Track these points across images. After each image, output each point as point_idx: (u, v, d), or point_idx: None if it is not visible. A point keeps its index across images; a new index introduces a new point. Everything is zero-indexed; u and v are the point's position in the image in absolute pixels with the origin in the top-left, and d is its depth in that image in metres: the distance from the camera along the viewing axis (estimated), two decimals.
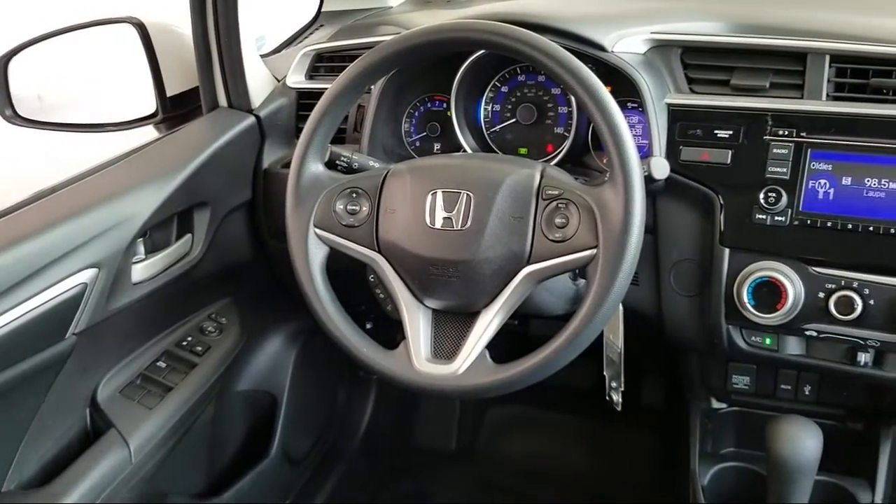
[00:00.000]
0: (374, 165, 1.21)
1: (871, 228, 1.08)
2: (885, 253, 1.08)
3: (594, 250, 0.97)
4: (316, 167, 1.13)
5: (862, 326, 1.10)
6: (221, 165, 1.38)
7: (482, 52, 1.31)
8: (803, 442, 1.16)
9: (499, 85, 1.39)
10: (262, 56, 1.58)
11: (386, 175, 1.11)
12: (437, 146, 1.43)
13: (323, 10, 1.85)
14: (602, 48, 1.20)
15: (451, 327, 1.08)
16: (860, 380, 1.22)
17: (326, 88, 1.12)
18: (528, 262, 1.02)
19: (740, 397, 1.50)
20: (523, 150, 1.39)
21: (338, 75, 1.11)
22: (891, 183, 1.08)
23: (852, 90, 1.14)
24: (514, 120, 1.38)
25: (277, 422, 1.74)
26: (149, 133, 1.51)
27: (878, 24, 1.23)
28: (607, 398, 1.30)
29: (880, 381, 1.18)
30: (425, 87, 1.42)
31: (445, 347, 1.07)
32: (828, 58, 1.14)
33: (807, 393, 1.42)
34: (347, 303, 1.14)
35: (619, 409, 1.29)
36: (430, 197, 1.05)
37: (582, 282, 1.17)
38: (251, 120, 1.45)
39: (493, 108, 1.40)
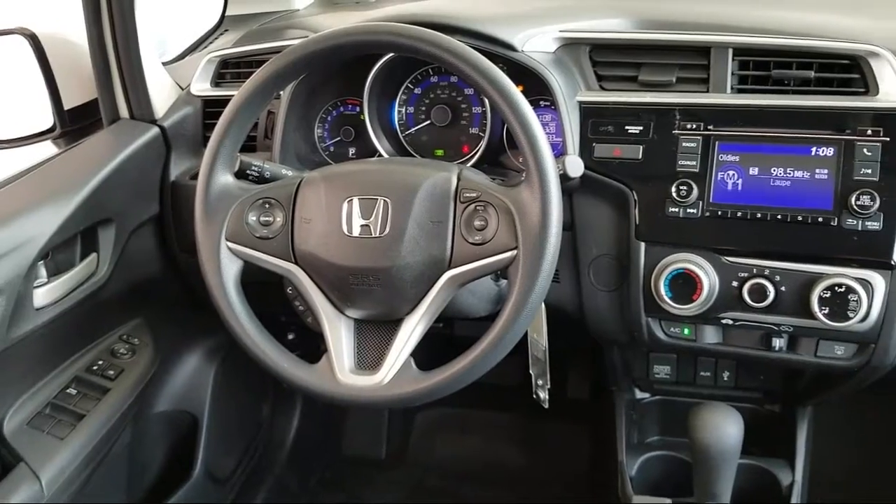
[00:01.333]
0: (286, 174, 1.17)
1: (778, 217, 1.11)
2: (792, 240, 1.11)
3: (514, 251, 0.97)
4: (225, 178, 1.09)
5: (775, 313, 1.13)
6: (125, 180, 1.32)
7: (393, 54, 1.29)
8: (725, 429, 1.19)
9: (411, 87, 1.38)
10: (165, 64, 1.53)
11: (300, 184, 1.08)
12: (351, 151, 1.41)
13: (227, 14, 1.79)
14: (512, 48, 1.20)
15: (374, 336, 1.06)
16: (776, 364, 1.26)
17: (233, 95, 1.08)
18: (450, 267, 1.00)
19: (662, 386, 1.53)
20: (439, 152, 1.38)
21: (244, 82, 1.07)
22: (795, 172, 1.11)
23: (755, 82, 1.17)
24: (428, 122, 1.36)
25: (199, 441, 1.68)
26: (47, 149, 1.44)
27: (778, 16, 1.27)
28: (534, 396, 1.31)
29: (795, 365, 1.21)
30: (337, 91, 1.40)
31: (369, 357, 1.05)
32: (731, 51, 1.17)
33: (725, 379, 1.47)
34: (266, 314, 1.10)
35: (546, 406, 1.30)
36: (346, 204, 1.03)
37: (504, 282, 1.16)
38: (155, 131, 1.39)
39: (406, 110, 1.39)
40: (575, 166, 1.10)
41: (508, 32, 1.20)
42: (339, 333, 1.05)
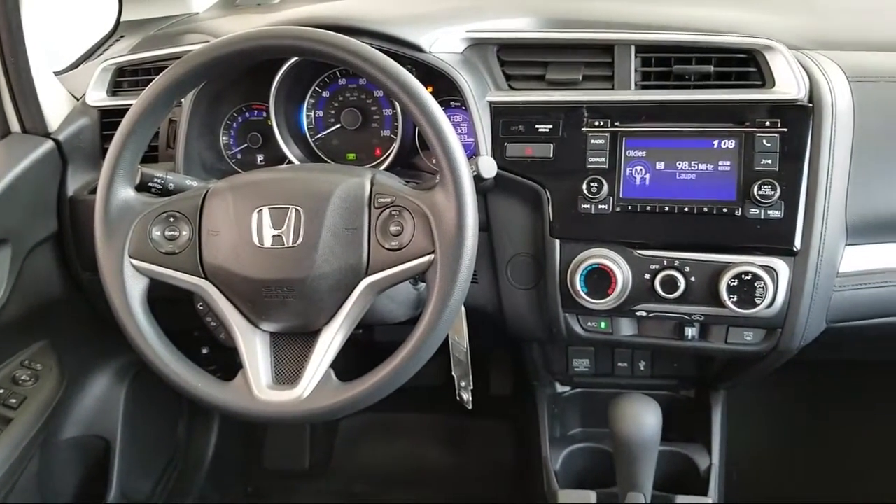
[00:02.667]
0: (191, 185, 1.13)
1: (685, 209, 1.14)
2: (699, 231, 1.14)
3: (432, 255, 0.96)
4: (126, 192, 1.04)
5: (686, 303, 1.16)
6: (19, 197, 1.25)
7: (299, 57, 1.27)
8: (644, 419, 1.21)
9: (319, 90, 1.35)
10: (57, 73, 1.46)
11: (205, 195, 1.04)
12: (260, 158, 1.37)
13: (122, 19, 1.72)
14: (420, 49, 1.19)
15: (291, 349, 1.03)
16: (689, 352, 1.29)
17: (131, 105, 1.04)
18: (367, 274, 0.99)
19: (582, 379, 1.56)
20: (351, 156, 1.36)
21: (143, 90, 1.03)
22: (700, 164, 1.14)
23: (658, 78, 1.20)
24: (338, 125, 1.34)
25: (113, 466, 1.62)
26: None
27: (679, 13, 1.31)
28: (458, 398, 1.30)
29: (707, 352, 1.25)
30: (242, 96, 1.36)
31: (287, 371, 1.02)
32: (633, 48, 1.19)
33: (642, 368, 1.50)
34: (177, 331, 1.06)
35: (470, 407, 1.30)
36: (255, 215, 1.00)
37: (423, 285, 1.16)
38: (49, 145, 1.32)
39: (315, 114, 1.36)
40: (488, 167, 1.10)
41: (415, 33, 1.20)
42: (254, 348, 1.02)
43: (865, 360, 1.76)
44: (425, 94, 0.98)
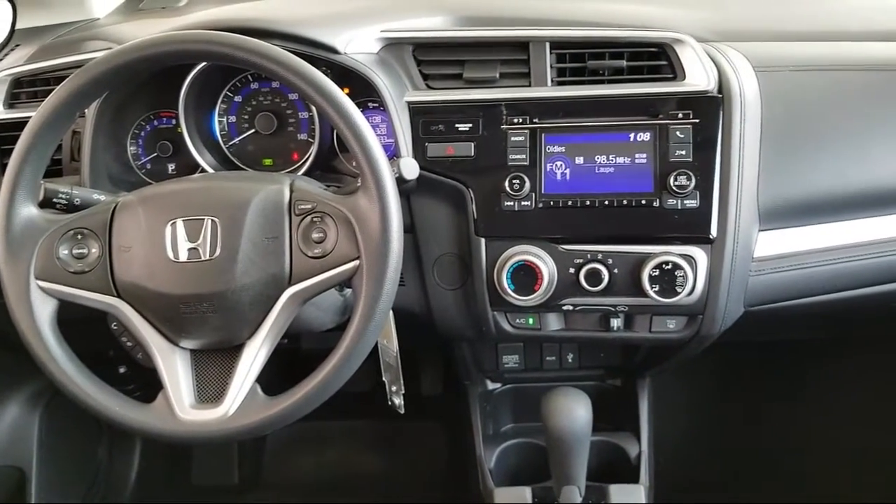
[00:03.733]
0: (99, 199, 1.07)
1: (606, 202, 1.15)
2: (620, 224, 1.16)
3: (357, 261, 0.95)
4: (29, 209, 0.98)
5: (610, 294, 1.17)
6: None
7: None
8: (576, 412, 1.22)
9: (231, 95, 1.31)
10: None
11: (114, 209, 1.00)
12: (171, 167, 1.32)
13: (17, 27, 1.63)
14: (334, 50, 1.17)
15: (214, 366, 1.00)
16: (615, 342, 1.31)
17: (31, 117, 0.98)
18: (290, 284, 0.96)
19: (512, 375, 1.57)
20: (268, 162, 1.32)
21: (43, 101, 0.98)
22: (617, 158, 1.15)
23: (573, 74, 1.21)
24: (253, 130, 1.31)
25: (29, 496, 1.54)
26: None
27: (592, 8, 1.32)
28: (389, 403, 1.29)
29: (632, 342, 1.27)
30: (149, 104, 1.31)
31: (211, 389, 0.99)
32: (548, 45, 1.20)
33: (570, 361, 1.52)
34: (92, 352, 1.02)
35: (402, 412, 1.28)
36: (169, 228, 0.96)
37: (349, 291, 1.13)
38: None
39: (228, 119, 1.32)
40: (410, 168, 1.09)
41: (329, 34, 1.17)
42: (174, 367, 0.98)
43: (782, 339, 1.83)
44: (342, 96, 0.96)
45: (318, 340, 1.18)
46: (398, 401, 1.27)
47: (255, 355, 0.96)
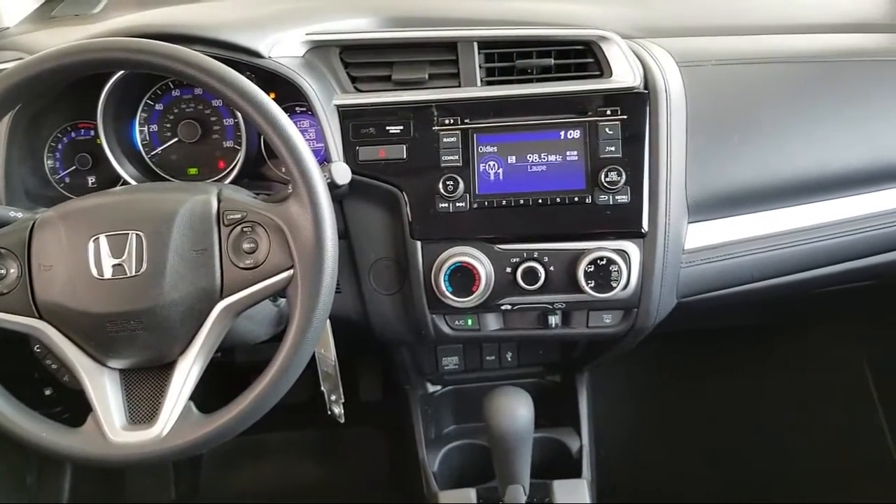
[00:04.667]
0: (16, 216, 1.02)
1: (539, 201, 1.16)
2: (554, 221, 1.16)
3: (291, 271, 0.92)
4: None
5: (547, 292, 1.18)
6: None
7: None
8: (518, 411, 1.22)
9: (152, 103, 1.27)
10: None
11: (33, 226, 0.95)
12: (91, 180, 1.27)
13: None
14: (258, 54, 1.14)
15: (145, 385, 0.96)
16: (554, 339, 1.32)
17: None
18: (222, 297, 0.94)
19: (452, 376, 1.56)
20: (193, 171, 1.28)
21: None
22: (549, 156, 1.16)
23: (502, 73, 1.21)
24: (176, 139, 1.27)
25: None
26: None
27: (519, 7, 1.32)
28: (329, 413, 1.26)
29: (570, 338, 1.28)
30: (66, 115, 1.26)
31: (143, 410, 0.95)
32: (476, 45, 1.19)
33: (509, 359, 1.52)
34: (15, 375, 0.97)
35: (342, 420, 1.26)
36: (92, 244, 0.92)
37: (283, 301, 1.11)
38: None
39: (149, 129, 1.28)
40: (342, 173, 1.07)
41: (252, 38, 1.14)
42: (103, 389, 0.94)
43: (715, 327, 1.88)
44: (268, 101, 0.94)
45: (253, 353, 1.15)
46: (338, 410, 1.25)
47: (187, 372, 0.93)
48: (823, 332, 2.05)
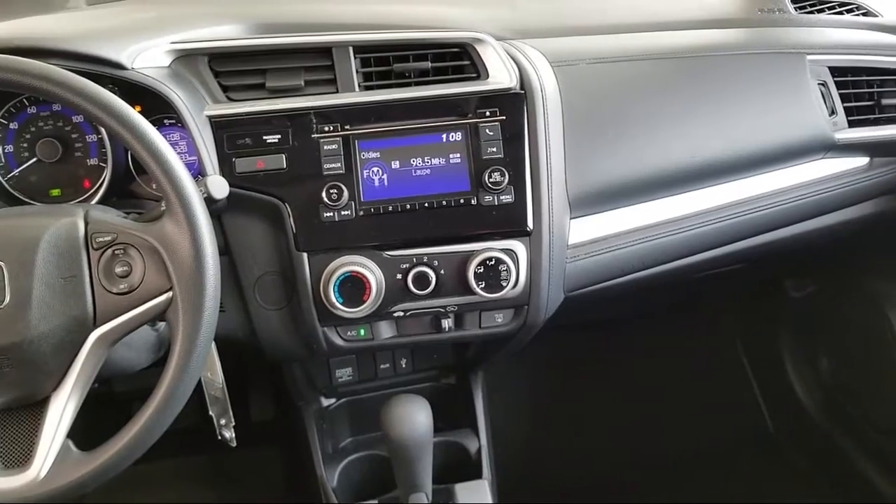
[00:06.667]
0: None
1: (426, 205, 1.15)
2: (442, 225, 1.16)
3: (169, 293, 0.88)
4: None
5: (439, 296, 1.17)
6: None
7: None
8: (416, 418, 1.21)
9: (5, 122, 1.18)
10: None
11: None
12: None
13: None
14: (120, 66, 1.07)
15: (17, 426, 0.89)
16: (448, 342, 1.32)
17: None
18: (96, 325, 0.88)
19: (347, 388, 1.53)
20: (56, 192, 1.20)
21: None
22: (433, 160, 1.15)
23: (380, 78, 1.19)
24: (35, 160, 1.18)
25: None
26: None
27: (394, 10, 1.31)
28: (219, 437, 1.21)
29: (464, 339, 1.28)
30: None
31: (16, 452, 0.88)
32: (351, 49, 1.17)
33: (404, 366, 1.51)
34: None
35: (234, 444, 1.21)
36: None
37: (162, 324, 1.05)
38: None
39: (4, 149, 1.19)
40: (218, 186, 1.02)
41: (113, 50, 1.08)
42: None
43: (602, 319, 1.93)
44: (133, 114, 0.89)
45: (134, 381, 1.08)
46: (229, 434, 1.20)
47: (62, 408, 0.87)
48: (701, 314, 2.15)
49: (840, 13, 1.60)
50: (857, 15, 1.61)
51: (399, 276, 1.15)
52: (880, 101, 1.47)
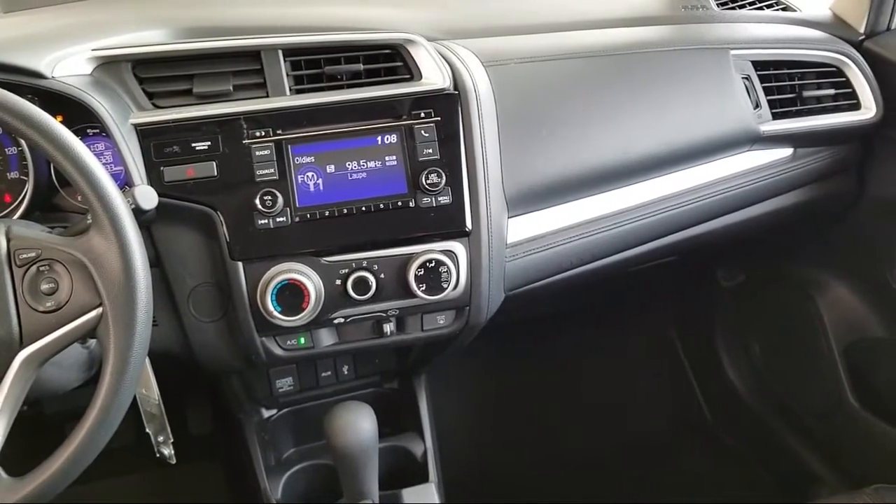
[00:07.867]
0: None
1: (363, 209, 1.13)
2: (380, 228, 1.14)
3: (99, 309, 0.84)
4: None
5: (380, 300, 1.16)
6: None
7: None
8: (360, 426, 1.20)
9: None
10: None
11: None
12: None
13: None
14: (39, 75, 1.03)
15: None
16: (390, 347, 1.30)
17: None
18: (22, 346, 0.84)
19: (288, 398, 1.50)
20: None
21: None
22: (368, 163, 1.14)
23: (311, 81, 1.17)
24: None
25: None
26: None
27: (323, 13, 1.30)
28: (158, 455, 1.17)
29: (407, 343, 1.27)
30: None
31: None
32: (281, 52, 1.15)
33: (346, 373, 1.49)
34: None
35: (173, 462, 1.17)
36: None
37: (93, 341, 1.01)
38: None
39: None
40: (146, 196, 0.99)
41: (30, 58, 1.03)
42: None
43: (543, 315, 1.95)
44: (54, 124, 0.86)
45: (65, 402, 1.04)
46: (167, 451, 1.17)
47: None
48: (637, 306, 2.19)
49: (760, 9, 1.65)
50: (777, 10, 1.67)
51: (338, 283, 1.13)
52: (802, 93, 1.52)
